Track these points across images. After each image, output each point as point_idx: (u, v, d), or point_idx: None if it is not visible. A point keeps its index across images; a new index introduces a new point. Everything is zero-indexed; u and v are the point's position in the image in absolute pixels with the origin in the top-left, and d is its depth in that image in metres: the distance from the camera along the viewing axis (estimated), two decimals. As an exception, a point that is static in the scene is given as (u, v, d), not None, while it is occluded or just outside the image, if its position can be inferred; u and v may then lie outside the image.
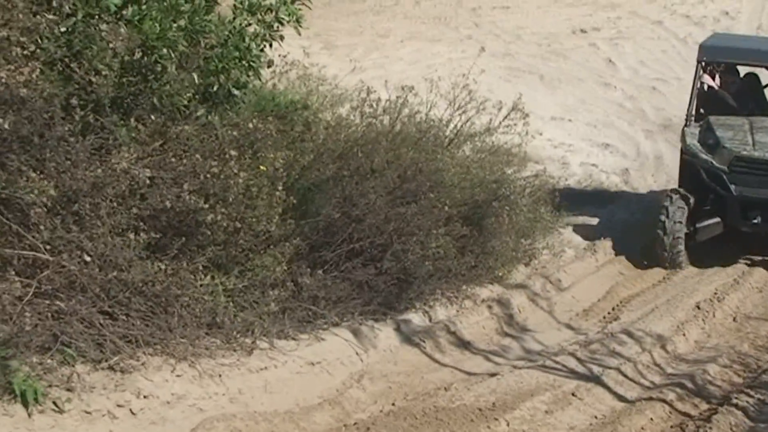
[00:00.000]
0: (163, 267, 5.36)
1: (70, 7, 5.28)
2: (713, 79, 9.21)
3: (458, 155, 8.51)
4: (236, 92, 6.17)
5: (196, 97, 6.06)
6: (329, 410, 5.63)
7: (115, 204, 5.31)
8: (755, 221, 8.06)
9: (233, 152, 5.46)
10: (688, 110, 8.91)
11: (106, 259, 5.25)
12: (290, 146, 6.64)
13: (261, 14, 6.32)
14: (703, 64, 9.03)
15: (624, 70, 13.33)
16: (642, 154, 11.50)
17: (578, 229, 9.39)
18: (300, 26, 6.50)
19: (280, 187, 5.73)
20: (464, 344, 6.84)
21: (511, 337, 7.14)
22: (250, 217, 5.86)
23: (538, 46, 13.65)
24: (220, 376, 5.50)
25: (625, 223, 9.67)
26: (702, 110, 9.00)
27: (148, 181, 5.31)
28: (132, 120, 5.45)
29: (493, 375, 6.31)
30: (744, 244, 8.41)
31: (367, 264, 6.88)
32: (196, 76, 5.90)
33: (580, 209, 9.83)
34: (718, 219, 8.22)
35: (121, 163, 5.22)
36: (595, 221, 9.70)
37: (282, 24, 6.38)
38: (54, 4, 5.20)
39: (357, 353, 6.27)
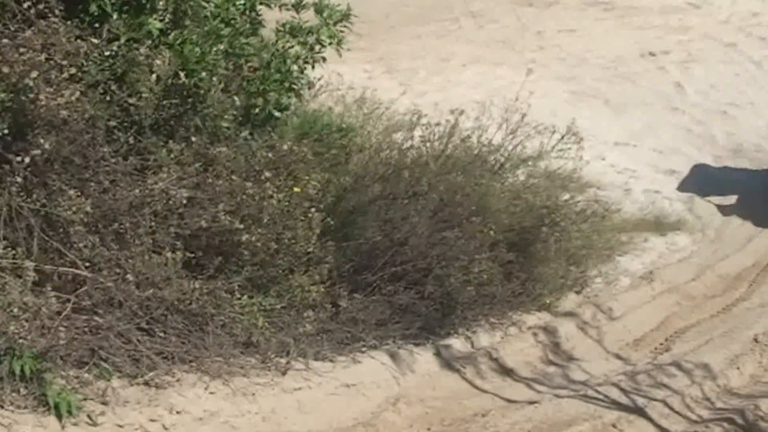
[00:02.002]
0: (198, 286, 5.46)
1: (113, 32, 5.47)
2: None
3: (509, 180, 8.43)
4: (278, 114, 6.28)
5: (239, 119, 6.20)
6: (363, 433, 5.61)
7: (153, 223, 5.45)
8: None
9: (268, 174, 5.53)
10: None
11: (144, 276, 5.37)
12: (331, 168, 6.70)
13: (303, 36, 6.42)
14: None
15: (693, 95, 12.97)
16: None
17: (636, 257, 9.14)
18: (341, 48, 6.56)
19: (313, 209, 5.76)
20: (506, 371, 6.72)
21: (556, 366, 6.98)
22: (287, 238, 5.92)
23: (604, 70, 13.42)
24: (253, 394, 5.54)
25: (686, 251, 9.38)
26: None
27: (185, 201, 5.42)
28: (171, 142, 5.58)
29: (532, 403, 6.18)
30: None
31: (410, 288, 6.85)
32: (237, 99, 6.03)
33: (640, 236, 9.59)
34: None
35: (159, 184, 5.36)
36: (655, 250, 9.44)
37: (323, 46, 6.46)
38: (97, 28, 5.39)
39: (394, 377, 6.23)
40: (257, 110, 6.22)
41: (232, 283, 5.61)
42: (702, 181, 11.03)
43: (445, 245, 6.91)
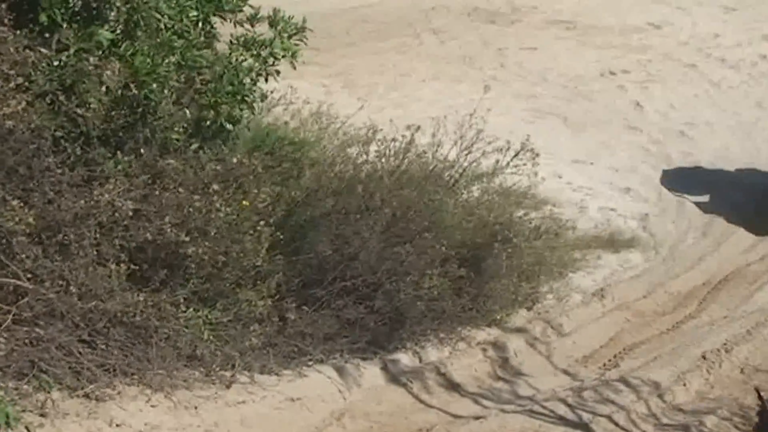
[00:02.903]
0: (142, 298, 5.44)
1: (63, 42, 5.45)
2: None
3: (464, 196, 8.49)
4: (230, 127, 6.28)
5: (190, 131, 6.19)
6: (305, 447, 5.61)
7: (98, 235, 5.42)
8: None
9: (216, 187, 5.54)
10: None
11: (87, 288, 5.35)
12: (283, 182, 6.71)
13: (256, 49, 6.44)
14: None
15: (652, 114, 13.14)
16: (664, 200, 11.28)
17: (588, 274, 9.23)
18: (295, 61, 6.59)
19: (262, 223, 5.76)
20: (453, 386, 6.76)
21: (504, 381, 7.03)
22: (235, 252, 5.92)
23: (564, 88, 13.56)
24: (196, 408, 5.53)
25: (638, 269, 9.49)
26: None
27: (131, 213, 5.41)
28: (119, 153, 5.57)
29: (477, 418, 6.21)
30: None
31: (359, 302, 6.87)
32: (188, 111, 6.03)
33: (593, 254, 9.69)
34: None
35: (105, 195, 5.33)
36: (608, 267, 9.53)
37: (277, 59, 6.48)
38: (47, 38, 5.37)
39: (340, 391, 6.24)
40: (208, 123, 6.23)
41: (176, 296, 5.60)
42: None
43: (396, 260, 6.95)
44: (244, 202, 5.64)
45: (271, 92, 6.98)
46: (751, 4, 16.10)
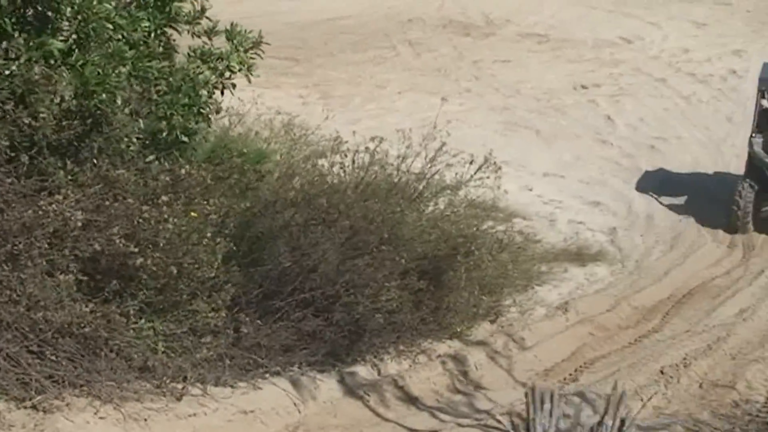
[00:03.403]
0: (92, 309, 5.39)
1: (13, 51, 5.42)
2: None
3: (429, 208, 8.49)
4: (185, 139, 6.27)
5: (145, 142, 6.17)
6: (256, 460, 5.57)
7: (47, 245, 5.38)
8: None
9: (165, 198, 5.51)
10: (752, 125, 11.72)
11: (36, 299, 5.30)
12: (241, 193, 6.69)
13: (213, 62, 6.43)
14: (763, 93, 11.78)
15: (623, 128, 13.25)
16: (633, 213, 11.37)
17: (554, 287, 9.25)
18: (251, 75, 6.58)
19: (209, 234, 5.73)
20: (411, 400, 6.73)
21: (463, 395, 7.01)
22: (188, 263, 5.89)
23: (537, 101, 13.65)
24: (145, 420, 5.47)
25: (604, 283, 9.53)
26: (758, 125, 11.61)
27: (80, 224, 5.37)
28: (69, 163, 5.54)
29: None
30: None
31: (318, 314, 6.85)
32: (141, 122, 6.01)
33: (560, 267, 9.72)
34: None
35: (54, 205, 5.30)
36: (574, 280, 9.56)
37: (233, 72, 6.48)
38: (-4, 47, 5.35)
39: (295, 404, 6.20)
40: (164, 134, 6.21)
41: (126, 307, 5.55)
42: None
43: (355, 273, 6.94)
44: (192, 213, 5.61)
45: (224, 104, 6.93)
46: (721, 20, 16.30)
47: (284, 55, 14.62)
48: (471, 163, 8.56)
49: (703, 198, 11.68)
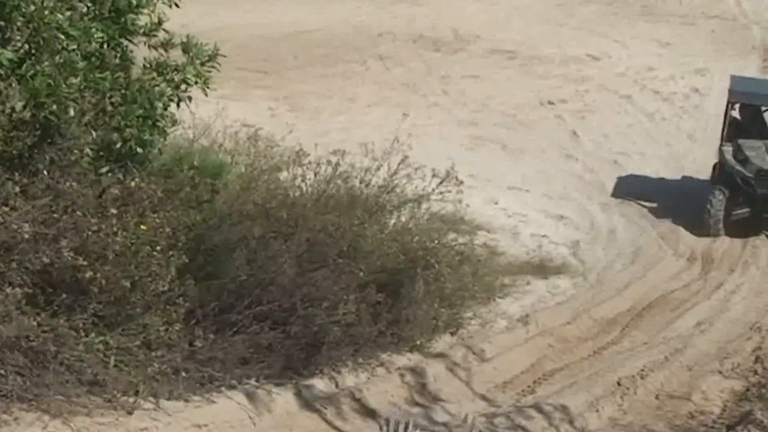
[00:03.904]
0: (40, 322, 5.36)
1: (-37, 63, 5.41)
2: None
3: (392, 221, 8.52)
4: (139, 151, 6.25)
5: (100, 154, 6.15)
6: (209, 475, 5.55)
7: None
8: None
9: (114, 210, 5.50)
10: (722, 134, 12.06)
11: (-18, 312, 5.26)
12: (198, 206, 6.68)
13: (168, 74, 6.44)
14: (732, 104, 12.09)
15: (587, 143, 13.36)
16: (596, 227, 11.45)
17: (516, 299, 9.30)
18: (207, 88, 6.58)
19: (158, 248, 5.72)
20: (368, 412, 6.73)
21: (420, 407, 7.02)
22: (141, 276, 5.86)
23: (504, 116, 13.75)
24: (94, 435, 5.44)
25: (565, 295, 9.58)
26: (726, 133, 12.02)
27: (27, 236, 5.34)
28: (18, 175, 5.51)
29: (389, 445, 6.19)
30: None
31: (275, 327, 6.84)
32: (94, 133, 5.99)
33: (522, 279, 9.77)
34: (747, 209, 11.54)
35: (1, 217, 5.26)
36: (535, 293, 9.61)
37: (189, 85, 6.48)
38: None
39: (250, 417, 6.19)
40: (118, 146, 6.20)
41: (76, 321, 5.52)
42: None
43: (312, 285, 6.94)
44: (142, 227, 5.60)
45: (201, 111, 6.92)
46: (686, 39, 16.53)
47: (254, 68, 14.63)
48: (434, 176, 8.62)
49: (676, 200, 12.04)
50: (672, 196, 12.11)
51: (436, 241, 8.47)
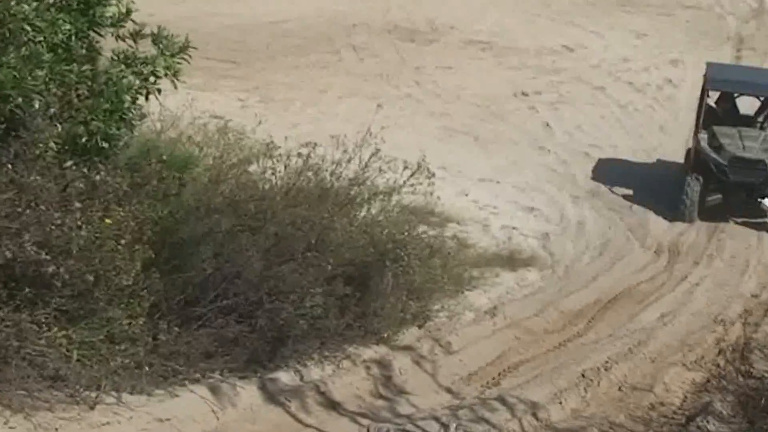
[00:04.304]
0: (0, 317, 5.36)
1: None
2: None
3: (362, 214, 8.56)
4: (105, 145, 6.23)
5: (65, 148, 6.13)
6: (171, 468, 5.58)
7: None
8: (744, 197, 11.74)
9: (78, 204, 5.50)
10: (696, 122, 12.29)
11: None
12: (164, 199, 6.68)
13: (137, 66, 6.41)
14: (708, 92, 12.28)
15: (560, 135, 13.45)
16: (565, 219, 11.53)
17: (484, 292, 9.36)
18: (177, 80, 6.56)
19: (123, 241, 5.73)
20: (333, 405, 6.79)
21: (385, 399, 7.09)
22: (105, 270, 5.87)
23: (477, 107, 13.80)
24: (56, 429, 5.46)
25: (533, 287, 9.66)
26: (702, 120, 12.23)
27: (-11, 230, 5.33)
28: (-21, 168, 5.50)
29: (352, 437, 6.26)
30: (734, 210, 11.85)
31: (241, 320, 6.87)
32: (60, 127, 5.97)
33: (491, 272, 9.84)
34: (720, 195, 11.77)
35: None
36: (504, 285, 9.68)
37: (158, 77, 6.45)
38: None
39: (213, 411, 6.23)
40: (84, 140, 6.18)
41: (38, 316, 5.52)
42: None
43: (279, 279, 6.98)
44: (107, 221, 5.60)
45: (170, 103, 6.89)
46: (662, 30, 16.64)
47: (225, 58, 14.55)
48: (405, 168, 8.65)
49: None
50: (646, 179, 12.38)
51: (406, 234, 8.55)
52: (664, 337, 8.85)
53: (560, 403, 7.23)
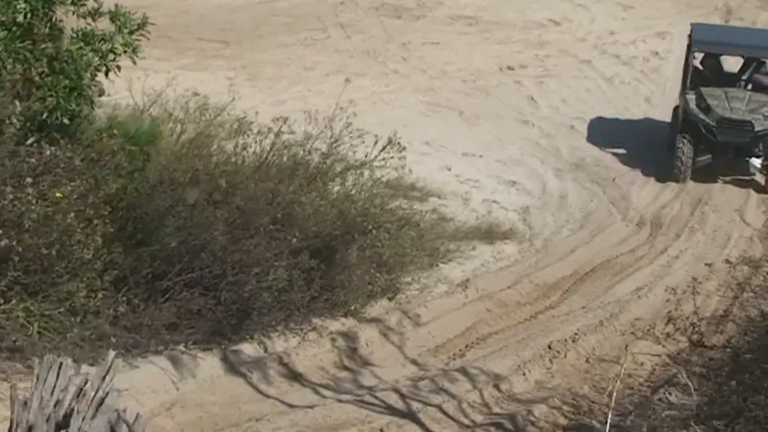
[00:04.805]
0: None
1: None
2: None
3: (335, 189, 8.60)
4: (66, 121, 6.31)
5: (27, 125, 6.21)
6: (127, 438, 5.66)
7: None
8: (732, 156, 12.01)
9: (29, 179, 5.57)
10: (683, 83, 12.51)
11: None
12: (129, 175, 6.76)
13: (96, 44, 6.47)
14: (695, 53, 12.43)
15: (545, 108, 13.41)
16: (547, 193, 11.53)
17: (459, 264, 9.40)
18: (136, 57, 6.62)
19: (72, 215, 5.80)
20: (295, 376, 6.87)
21: (349, 371, 7.16)
22: (67, 245, 5.95)
23: (462, 82, 13.77)
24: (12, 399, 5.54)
25: (509, 260, 9.68)
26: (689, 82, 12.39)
27: (-58, 206, 5.42)
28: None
29: (312, 408, 6.34)
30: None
31: (206, 293, 6.96)
32: (18, 104, 6.05)
33: (469, 245, 9.87)
34: (709, 155, 11.96)
35: None
36: (480, 258, 9.71)
37: (116, 54, 6.52)
38: None
39: (173, 382, 6.32)
40: (44, 116, 6.25)
41: (-7, 289, 5.61)
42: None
43: (243, 252, 7.05)
44: (58, 195, 5.68)
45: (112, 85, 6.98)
46: (648, 2, 16.49)
47: (215, 38, 14.58)
48: (375, 143, 8.68)
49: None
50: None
51: (378, 208, 8.60)
52: (637, 310, 8.87)
53: (524, 374, 7.29)
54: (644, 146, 12.59)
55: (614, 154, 12.43)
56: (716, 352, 7.06)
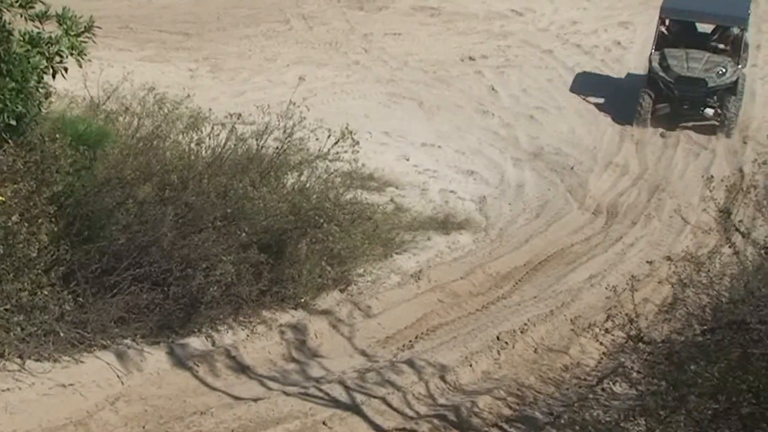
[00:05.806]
0: None
1: None
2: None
3: (289, 182, 8.65)
4: (13, 123, 6.32)
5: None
6: None
7: None
8: (687, 107, 13.85)
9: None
10: (653, 45, 14.08)
11: None
12: (76, 173, 6.79)
13: (43, 46, 6.48)
14: (662, 20, 14.09)
15: (505, 98, 13.52)
16: (505, 182, 11.65)
17: (413, 255, 9.48)
18: (83, 59, 6.63)
19: (14, 218, 5.84)
20: (242, 369, 6.94)
21: (297, 363, 7.24)
22: (11, 244, 5.99)
23: (423, 73, 13.85)
24: (-44, 397, 5.60)
25: (464, 250, 9.78)
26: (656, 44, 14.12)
27: None
28: None
29: (257, 400, 6.42)
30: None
31: (154, 288, 7.02)
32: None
33: (424, 235, 9.96)
34: (667, 105, 13.75)
35: None
36: (435, 248, 9.80)
37: (63, 57, 6.53)
38: None
39: (118, 376, 6.38)
40: (-8, 118, 6.25)
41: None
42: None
43: (190, 248, 7.10)
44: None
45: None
46: (612, -8, 16.66)
47: (177, 30, 14.57)
48: (328, 137, 8.73)
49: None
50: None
51: (331, 201, 8.65)
52: (588, 299, 9.00)
53: (471, 365, 7.39)
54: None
55: (574, 142, 12.58)
56: (655, 347, 7.19)
